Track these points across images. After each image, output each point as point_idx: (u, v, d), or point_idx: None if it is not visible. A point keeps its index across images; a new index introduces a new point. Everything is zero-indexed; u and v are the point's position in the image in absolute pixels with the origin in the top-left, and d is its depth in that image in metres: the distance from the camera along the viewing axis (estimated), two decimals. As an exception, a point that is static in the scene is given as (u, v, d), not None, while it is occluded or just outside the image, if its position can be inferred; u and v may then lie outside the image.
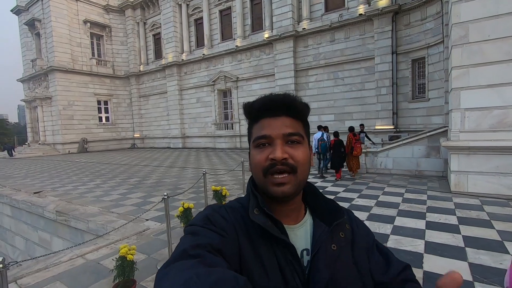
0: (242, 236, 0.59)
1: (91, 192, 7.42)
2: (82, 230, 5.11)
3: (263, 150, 0.61)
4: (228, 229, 0.58)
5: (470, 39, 5.24)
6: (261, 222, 0.58)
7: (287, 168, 0.59)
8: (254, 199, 0.63)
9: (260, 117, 0.64)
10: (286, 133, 0.61)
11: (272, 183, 0.59)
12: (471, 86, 5.30)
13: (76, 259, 3.41)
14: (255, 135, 0.63)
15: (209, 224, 0.58)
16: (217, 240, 0.54)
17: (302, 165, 0.61)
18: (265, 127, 0.62)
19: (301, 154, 0.61)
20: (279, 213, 0.63)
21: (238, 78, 18.74)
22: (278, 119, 0.62)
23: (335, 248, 0.62)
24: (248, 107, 0.66)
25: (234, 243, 0.57)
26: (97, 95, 23.76)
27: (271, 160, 0.59)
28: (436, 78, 12.03)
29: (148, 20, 24.28)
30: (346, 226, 0.67)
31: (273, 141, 0.61)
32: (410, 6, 12.85)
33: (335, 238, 0.63)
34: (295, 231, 0.65)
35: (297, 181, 0.60)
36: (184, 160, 14.25)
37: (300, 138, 0.62)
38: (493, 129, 5.15)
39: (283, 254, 0.58)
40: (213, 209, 0.63)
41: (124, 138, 25.44)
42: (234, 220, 0.61)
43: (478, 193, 5.35)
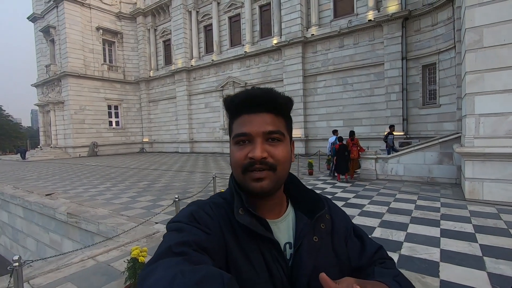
0: (227, 233, 0.59)
1: (101, 194, 7.50)
2: (93, 232, 5.15)
3: (243, 147, 0.61)
4: (213, 227, 0.58)
5: (485, 43, 5.15)
6: (247, 222, 0.58)
7: (265, 167, 0.59)
8: (238, 199, 0.62)
9: (240, 113, 0.63)
10: (266, 131, 0.60)
11: (251, 179, 0.59)
12: (486, 91, 5.19)
13: (87, 261, 3.43)
14: (235, 131, 0.63)
15: (193, 221, 0.57)
16: (203, 238, 0.53)
17: (282, 163, 0.61)
18: (245, 123, 0.61)
19: (281, 152, 0.61)
20: (262, 208, 0.64)
21: (246, 83, 18.84)
22: (259, 115, 0.61)
23: (316, 240, 0.63)
24: (228, 102, 0.65)
25: (219, 241, 0.57)
26: (108, 100, 24.20)
27: (250, 159, 0.59)
28: (448, 84, 11.87)
29: (158, 27, 24.75)
30: (326, 217, 0.68)
31: (253, 139, 0.60)
32: (421, 12, 12.79)
33: (317, 230, 0.65)
34: (278, 225, 0.65)
35: (275, 177, 0.60)
36: (192, 164, 14.32)
37: (281, 136, 0.62)
38: (509, 135, 5.02)
39: (267, 249, 0.59)
40: (198, 206, 0.63)
41: (134, 142, 25.75)
42: (219, 216, 0.61)
43: (494, 201, 5.19)
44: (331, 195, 6.49)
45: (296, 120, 16.28)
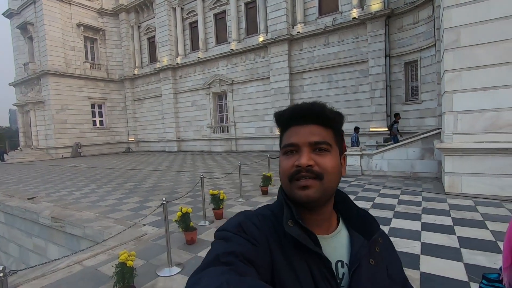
0: (274, 246, 0.59)
1: (86, 197, 7.35)
2: (78, 236, 5.06)
3: (290, 157, 0.62)
4: (260, 239, 0.58)
5: (462, 43, 5.35)
6: (296, 234, 0.57)
7: (312, 175, 0.59)
8: (288, 210, 0.61)
9: (289, 125, 0.65)
10: (312, 142, 0.61)
11: (297, 187, 0.59)
12: (463, 89, 5.41)
13: (74, 266, 3.38)
14: (284, 142, 0.64)
15: (241, 232, 0.57)
16: (249, 249, 0.53)
17: (329, 173, 0.60)
18: (293, 135, 0.63)
19: (328, 162, 0.61)
20: (310, 222, 0.63)
21: (233, 81, 18.78)
22: (306, 127, 0.62)
23: (373, 263, 0.62)
24: (278, 116, 0.67)
25: (265, 253, 0.56)
26: (91, 99, 23.58)
27: (297, 167, 0.59)
28: (429, 81, 12.24)
29: (142, 23, 24.24)
30: (380, 240, 0.66)
31: (300, 148, 0.61)
32: (403, 10, 13.09)
33: (372, 252, 0.63)
34: (328, 241, 0.64)
35: (322, 187, 0.59)
36: (180, 164, 14.20)
37: (328, 147, 0.62)
38: (485, 131, 5.26)
39: (316, 266, 0.58)
40: (246, 216, 0.62)
41: (119, 142, 25.24)
42: (266, 229, 0.61)
43: (472, 194, 5.44)
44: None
45: (283, 118, 16.40)
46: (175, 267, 3.19)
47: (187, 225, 3.81)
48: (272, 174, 6.77)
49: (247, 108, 18.42)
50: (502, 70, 5.01)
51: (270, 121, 17.25)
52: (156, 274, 3.10)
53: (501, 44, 5.03)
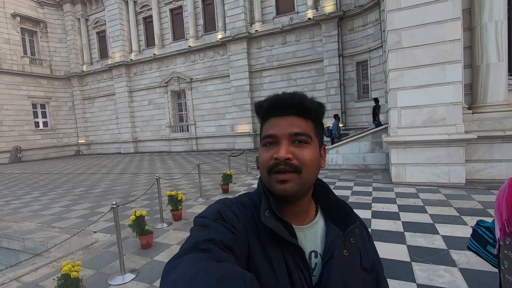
0: (252, 235, 0.59)
1: (27, 206, 6.62)
2: (17, 250, 4.53)
3: (269, 149, 0.61)
4: (239, 227, 0.58)
5: (403, 44, 5.84)
6: (272, 225, 0.57)
7: (290, 168, 0.58)
8: (265, 201, 0.61)
9: (268, 116, 0.64)
10: (292, 133, 0.60)
11: (275, 180, 0.59)
12: (405, 87, 5.91)
13: (10, 283, 3.01)
14: (263, 133, 0.63)
15: (220, 219, 0.57)
16: (229, 237, 0.53)
17: (307, 166, 0.59)
18: (272, 126, 0.62)
19: (307, 154, 0.60)
20: (288, 213, 0.63)
21: (192, 79, 18.32)
22: (286, 118, 0.61)
23: (346, 254, 0.62)
24: (257, 107, 0.66)
25: (243, 242, 0.57)
26: (32, 98, 21.26)
27: (275, 160, 0.58)
28: (377, 80, 13.16)
29: (90, 16, 22.47)
30: (356, 231, 0.66)
31: (279, 140, 0.60)
32: (353, 13, 13.87)
33: (347, 243, 0.63)
34: (304, 231, 0.64)
35: (301, 180, 0.59)
36: (136, 165, 13.48)
37: (308, 139, 0.61)
38: (424, 125, 5.81)
39: (291, 256, 0.58)
40: (225, 204, 0.62)
41: (67, 144, 23.17)
42: (245, 218, 0.60)
43: (414, 182, 5.98)
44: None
45: (243, 116, 16.46)
46: (128, 273, 3.02)
47: (142, 229, 3.62)
48: (232, 172, 6.74)
49: (207, 107, 18.12)
50: (436, 70, 5.57)
51: (231, 119, 17.18)
52: (107, 283, 2.90)
53: (434, 46, 5.59)
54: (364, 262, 0.65)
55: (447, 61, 5.52)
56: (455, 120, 5.55)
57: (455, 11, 5.43)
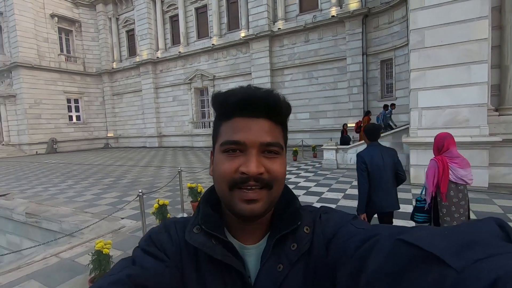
0: (186, 261, 0.51)
1: (62, 193, 7.24)
2: (55, 231, 5.04)
3: (233, 158, 0.50)
4: (171, 252, 0.51)
5: (426, 44, 5.74)
6: (198, 243, 0.49)
7: (260, 185, 0.49)
8: (196, 215, 0.54)
9: (233, 115, 0.51)
10: (264, 142, 0.50)
11: (240, 199, 0.48)
12: (427, 87, 5.81)
13: (50, 258, 3.43)
14: (225, 137, 0.51)
15: (150, 246, 0.51)
16: (147, 273, 0.46)
17: (279, 180, 0.51)
18: (238, 129, 0.50)
19: (279, 167, 0.51)
20: (238, 231, 0.54)
21: (215, 76, 18.75)
22: (256, 121, 0.50)
23: (280, 269, 0.49)
24: (220, 100, 0.53)
25: (174, 271, 0.49)
26: (67, 93, 22.75)
27: (242, 174, 0.48)
28: (402, 79, 12.81)
29: (120, 16, 23.57)
30: (305, 231, 0.52)
31: (247, 149, 0.49)
32: (379, 10, 13.55)
33: (283, 254, 0.50)
34: (251, 252, 0.53)
35: (270, 198, 0.50)
36: (160, 159, 14.11)
37: (279, 149, 0.52)
38: (446, 126, 5.68)
39: (232, 282, 0.49)
40: (164, 226, 0.55)
41: (97, 137, 24.57)
42: (182, 239, 0.52)
43: (434, 184, 5.87)
44: (294, 184, 6.89)
45: (264, 113, 16.61)
46: (151, 256, 3.32)
47: (164, 217, 3.93)
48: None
49: (229, 104, 18.45)
50: (460, 70, 5.43)
51: (251, 116, 17.41)
52: (133, 263, 3.22)
53: (460, 46, 5.45)
54: (316, 270, 0.49)
55: (473, 61, 5.36)
56: (479, 122, 5.40)
57: (483, 10, 5.26)
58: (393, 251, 0.32)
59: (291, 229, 0.51)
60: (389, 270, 0.31)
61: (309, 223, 0.53)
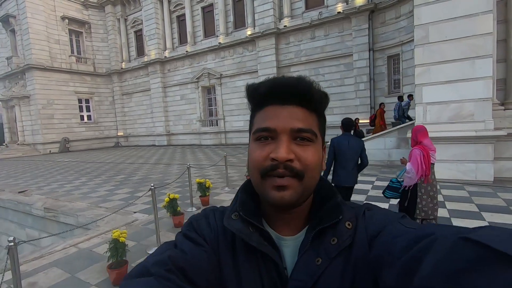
0: (223, 247, 0.52)
1: (77, 189, 7.55)
2: (72, 224, 5.31)
3: (264, 146, 0.50)
4: (209, 237, 0.52)
5: (430, 39, 5.77)
6: (235, 228, 0.50)
7: (290, 173, 0.48)
8: (234, 201, 0.55)
9: (265, 104, 0.52)
10: (295, 128, 0.49)
11: (271, 186, 0.48)
12: (431, 82, 5.84)
13: (69, 248, 3.67)
14: (257, 125, 0.52)
15: (191, 231, 0.53)
16: (187, 256, 0.47)
17: (310, 170, 0.49)
18: (269, 117, 0.51)
19: (311, 156, 0.49)
20: (276, 221, 0.54)
21: (221, 75, 18.94)
22: (287, 108, 0.50)
23: (319, 262, 0.48)
24: (251, 90, 0.55)
25: (212, 256, 0.50)
26: (78, 93, 23.31)
27: (272, 160, 0.48)
28: (410, 74, 12.70)
29: (129, 16, 23.95)
30: (346, 226, 0.50)
31: (277, 135, 0.49)
32: (385, 5, 13.45)
33: (322, 247, 0.49)
34: (289, 243, 0.53)
35: (301, 187, 0.48)
36: (169, 157, 14.41)
37: (313, 136, 0.50)
38: (451, 121, 5.73)
39: (267, 272, 0.49)
40: (204, 213, 0.57)
41: (108, 136, 25.12)
42: (220, 226, 0.53)
43: (438, 179, 5.86)
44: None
45: (271, 111, 16.73)
46: (163, 246, 3.52)
47: (174, 210, 4.13)
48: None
49: (236, 102, 18.65)
50: (465, 65, 5.46)
51: (258, 114, 17.54)
52: (146, 252, 3.43)
53: (464, 41, 5.46)
54: (356, 265, 0.47)
55: (477, 55, 5.38)
56: (484, 116, 5.42)
57: (488, 4, 5.26)
58: (456, 250, 0.30)
59: (331, 223, 0.50)
60: (451, 270, 0.29)
61: (351, 219, 0.51)
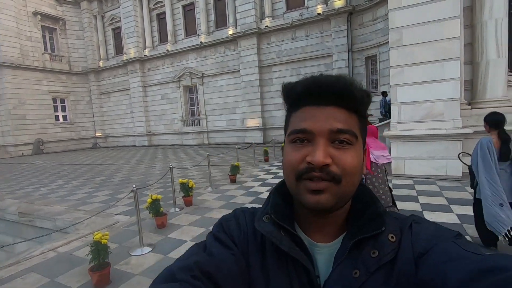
0: (252, 249, 0.51)
1: (54, 192, 7.29)
2: (49, 229, 5.13)
3: (300, 148, 0.48)
4: (239, 240, 0.51)
5: (404, 42, 6.06)
6: (266, 231, 0.49)
7: (327, 177, 0.45)
8: (266, 203, 0.54)
9: (301, 104, 0.50)
10: (334, 129, 0.46)
11: (306, 190, 0.46)
12: (405, 83, 6.15)
13: (48, 253, 3.57)
14: (293, 127, 0.50)
15: (221, 232, 0.52)
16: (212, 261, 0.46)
17: (349, 174, 0.46)
18: (306, 118, 0.48)
19: (351, 159, 0.46)
20: (309, 225, 0.52)
21: (203, 74, 18.81)
22: (325, 109, 0.47)
23: (357, 275, 0.45)
24: (287, 89, 0.53)
25: (240, 258, 0.49)
26: (52, 93, 22.34)
27: (308, 164, 0.46)
28: (386, 75, 13.21)
29: (106, 13, 23.23)
30: (390, 239, 0.47)
31: (314, 138, 0.47)
32: (363, 8, 13.90)
33: (361, 259, 0.46)
34: (323, 251, 0.50)
35: (339, 192, 0.46)
36: (150, 157, 14.16)
37: (352, 138, 0.47)
38: (423, 119, 6.05)
39: (298, 278, 0.47)
40: (234, 214, 0.57)
41: (85, 137, 24.26)
42: (250, 228, 0.53)
43: (412, 175, 6.25)
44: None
45: (253, 110, 16.84)
46: (146, 247, 3.52)
47: (157, 210, 4.12)
48: (239, 164, 7.18)
49: (218, 101, 18.59)
50: (435, 67, 5.78)
51: (241, 113, 17.59)
52: (129, 254, 3.41)
53: (434, 44, 5.79)
54: (399, 281, 0.44)
55: (446, 58, 5.72)
56: (453, 115, 5.77)
57: (455, 9, 5.60)
58: None
59: (372, 234, 0.47)
60: None
61: (395, 231, 0.47)
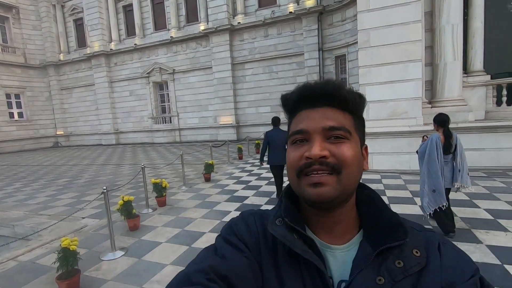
0: (265, 253, 0.51)
1: (11, 196, 6.73)
2: (7, 236, 4.74)
3: (299, 147, 0.51)
4: (250, 242, 0.52)
5: (371, 43, 6.35)
6: (279, 234, 0.49)
7: (326, 168, 0.47)
8: (278, 207, 0.55)
9: (297, 109, 0.54)
10: (326, 127, 0.49)
11: (307, 184, 0.48)
12: (373, 83, 6.46)
13: (7, 263, 3.30)
14: (291, 130, 0.54)
15: (231, 235, 0.53)
16: (226, 264, 0.47)
17: (348, 165, 0.48)
18: (303, 120, 0.52)
19: (347, 150, 0.48)
20: (319, 226, 0.53)
21: (174, 70, 18.29)
22: (318, 110, 0.51)
23: (381, 282, 0.45)
24: (284, 100, 0.57)
25: (253, 262, 0.50)
26: (6, 87, 20.44)
27: (307, 159, 0.48)
28: (355, 74, 13.77)
29: (66, 3, 21.65)
30: (414, 253, 0.47)
31: (310, 136, 0.50)
32: (332, 8, 14.32)
33: (385, 267, 0.47)
34: (336, 253, 0.51)
35: (340, 184, 0.47)
36: (119, 156, 13.54)
37: (346, 134, 0.50)
38: (389, 117, 6.41)
39: (311, 280, 0.48)
40: (243, 216, 0.57)
41: (44, 136, 22.55)
42: (261, 229, 0.54)
43: (380, 169, 6.60)
44: (257, 175, 7.20)
45: (226, 107, 16.71)
46: (118, 251, 3.38)
47: (129, 212, 3.96)
48: (213, 162, 7.12)
49: (190, 98, 18.20)
50: (400, 67, 6.14)
51: (213, 111, 17.39)
52: (99, 259, 3.25)
53: (399, 46, 6.14)
54: None
55: (410, 59, 6.09)
56: (415, 113, 6.17)
57: (417, 14, 5.97)
58: None
59: (397, 244, 0.47)
60: None
61: (419, 247, 0.48)
